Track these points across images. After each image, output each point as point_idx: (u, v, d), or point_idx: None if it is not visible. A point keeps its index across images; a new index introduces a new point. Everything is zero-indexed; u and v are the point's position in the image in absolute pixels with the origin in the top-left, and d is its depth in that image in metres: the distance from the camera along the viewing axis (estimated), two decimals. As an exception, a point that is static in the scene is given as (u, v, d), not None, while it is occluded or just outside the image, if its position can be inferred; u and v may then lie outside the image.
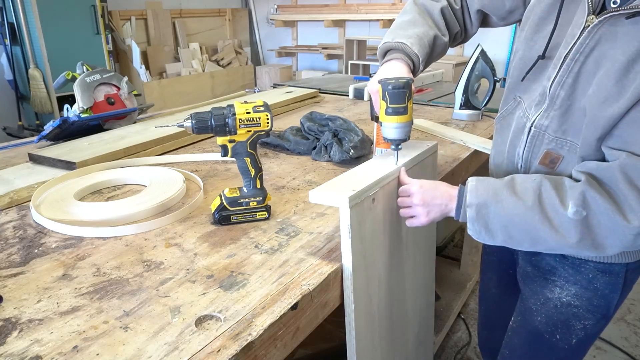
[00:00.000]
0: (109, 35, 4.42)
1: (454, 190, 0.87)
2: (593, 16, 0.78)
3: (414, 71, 1.01)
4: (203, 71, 5.45)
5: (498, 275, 1.22)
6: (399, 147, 0.96)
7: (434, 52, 1.05)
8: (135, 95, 1.72)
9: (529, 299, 1.01)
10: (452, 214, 0.86)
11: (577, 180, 0.78)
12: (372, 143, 1.31)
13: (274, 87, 2.61)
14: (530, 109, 0.91)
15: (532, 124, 0.90)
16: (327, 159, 1.32)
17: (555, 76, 0.84)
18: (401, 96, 0.88)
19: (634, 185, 0.71)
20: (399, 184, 0.94)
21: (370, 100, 1.04)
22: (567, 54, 0.81)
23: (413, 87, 0.92)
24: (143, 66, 4.83)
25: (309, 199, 0.82)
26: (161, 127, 1.13)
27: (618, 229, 0.72)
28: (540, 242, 0.78)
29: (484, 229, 0.82)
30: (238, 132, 0.90)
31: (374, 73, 1.11)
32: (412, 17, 1.04)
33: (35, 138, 1.54)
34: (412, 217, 0.90)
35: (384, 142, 1.25)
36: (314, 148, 1.37)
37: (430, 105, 2.13)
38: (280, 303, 0.70)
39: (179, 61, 5.37)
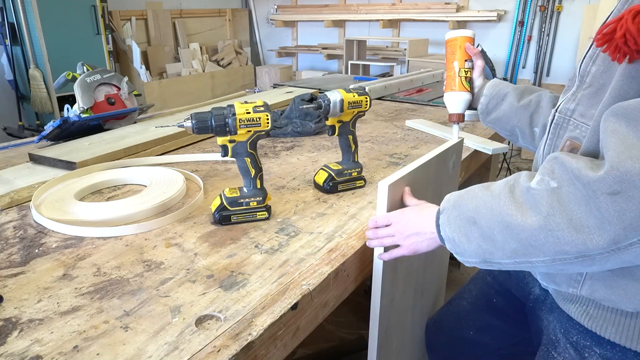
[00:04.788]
0: (109, 36, 4.42)
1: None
2: None
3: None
4: (203, 71, 5.45)
5: (479, 293, 1.11)
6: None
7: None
8: (136, 95, 1.72)
9: None
10: (436, 236, 0.74)
11: None
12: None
13: (274, 87, 2.61)
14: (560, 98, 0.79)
15: (556, 110, 0.77)
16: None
17: (588, 51, 0.72)
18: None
19: (619, 131, 0.56)
20: (402, 202, 0.87)
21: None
22: (604, 22, 0.68)
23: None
24: (143, 66, 4.84)
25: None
26: (161, 127, 1.13)
27: (588, 189, 0.55)
28: (509, 232, 0.63)
29: (457, 234, 0.70)
30: (238, 132, 0.90)
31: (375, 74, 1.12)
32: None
33: (35, 138, 1.54)
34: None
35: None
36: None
37: (430, 105, 2.13)
38: (280, 303, 0.70)
39: (179, 61, 5.37)
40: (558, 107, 0.77)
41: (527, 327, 0.95)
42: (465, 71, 1.01)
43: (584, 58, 0.73)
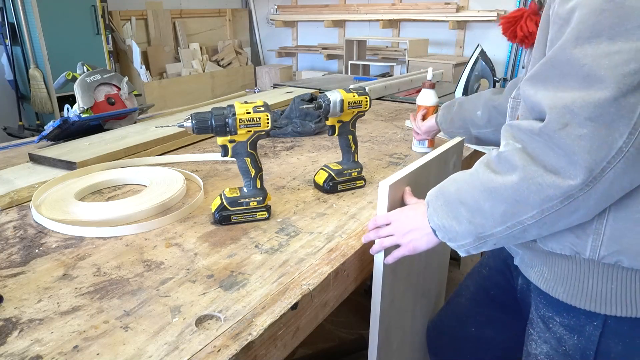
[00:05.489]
0: (109, 36, 4.42)
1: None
2: None
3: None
4: (203, 71, 5.45)
5: (476, 288, 1.12)
6: None
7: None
8: (136, 95, 1.72)
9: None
10: (430, 230, 0.76)
11: None
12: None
13: (274, 87, 2.61)
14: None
15: (512, 97, 0.86)
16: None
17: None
18: None
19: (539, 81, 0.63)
20: (403, 202, 0.88)
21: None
22: None
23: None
24: (143, 66, 4.83)
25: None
26: (161, 127, 1.13)
27: (544, 136, 0.60)
28: (493, 197, 0.66)
29: (445, 220, 0.72)
30: (238, 132, 0.90)
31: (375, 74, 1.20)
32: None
33: (35, 138, 1.55)
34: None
35: (424, 134, 1.42)
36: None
37: (430, 105, 2.13)
38: (280, 303, 0.70)
39: (179, 61, 5.37)
40: (512, 95, 0.86)
41: (525, 317, 0.96)
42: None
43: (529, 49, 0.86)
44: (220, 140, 0.92)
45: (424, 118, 1.41)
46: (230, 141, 0.92)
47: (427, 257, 1.11)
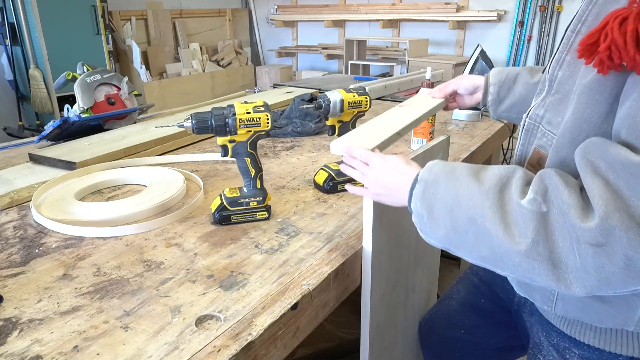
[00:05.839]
0: (109, 36, 4.42)
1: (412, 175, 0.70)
2: None
3: None
4: (203, 71, 5.45)
5: (466, 293, 1.09)
6: None
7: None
8: (136, 95, 1.72)
9: None
10: (405, 200, 0.69)
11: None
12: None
13: (274, 87, 2.61)
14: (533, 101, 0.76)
15: (527, 115, 0.75)
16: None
17: (555, 54, 0.69)
18: None
19: (600, 174, 0.53)
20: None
21: None
22: (568, 25, 0.67)
23: None
24: (143, 66, 4.83)
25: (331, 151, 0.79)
26: (161, 127, 1.13)
27: (573, 232, 0.52)
28: (484, 239, 0.58)
29: (427, 213, 0.64)
30: (238, 132, 0.90)
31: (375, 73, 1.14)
32: None
33: (35, 138, 1.54)
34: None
35: (420, 133, 1.44)
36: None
37: (430, 105, 2.13)
38: (280, 303, 0.70)
39: (179, 61, 5.37)
40: (529, 113, 0.75)
41: (514, 326, 0.96)
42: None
43: (551, 62, 0.71)
44: (220, 140, 0.92)
45: None
46: (230, 141, 0.92)
47: (417, 253, 1.11)
